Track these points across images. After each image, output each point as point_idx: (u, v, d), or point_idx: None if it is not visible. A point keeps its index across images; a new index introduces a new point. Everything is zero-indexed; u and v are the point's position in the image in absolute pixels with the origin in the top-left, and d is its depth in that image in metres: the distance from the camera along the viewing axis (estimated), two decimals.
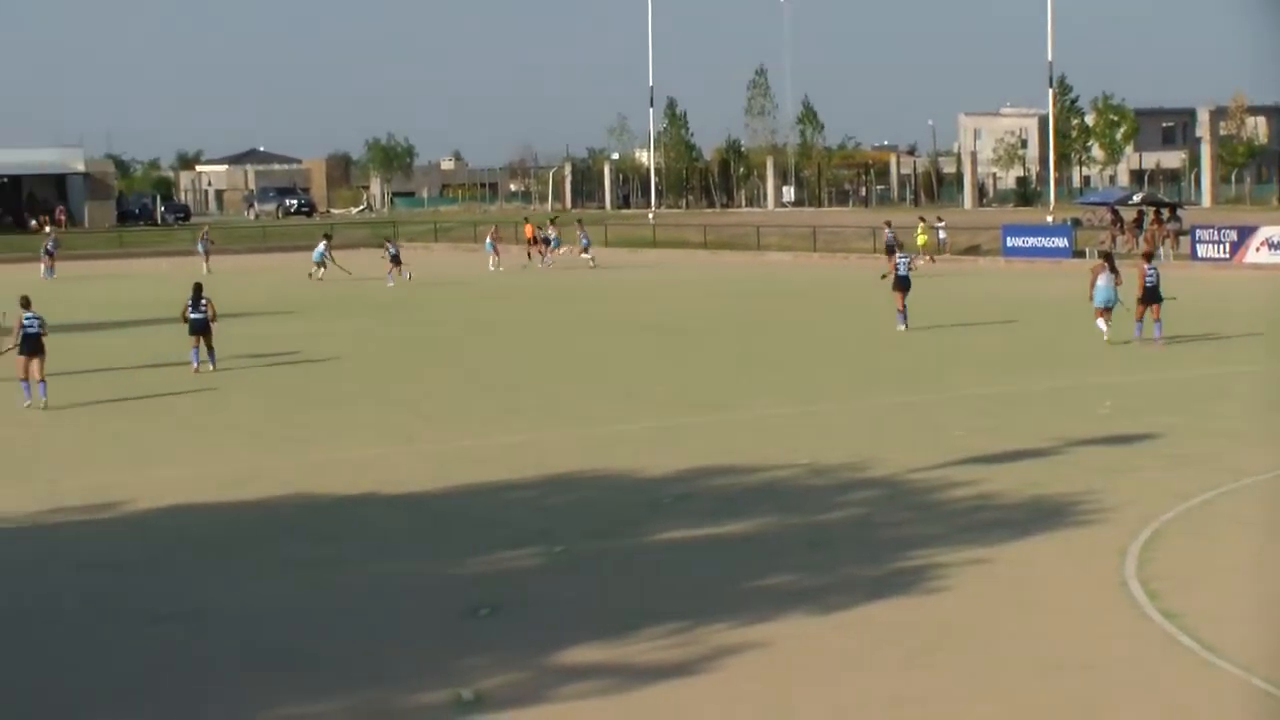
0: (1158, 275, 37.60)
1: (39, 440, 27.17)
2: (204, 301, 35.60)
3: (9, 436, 27.49)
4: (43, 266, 73.64)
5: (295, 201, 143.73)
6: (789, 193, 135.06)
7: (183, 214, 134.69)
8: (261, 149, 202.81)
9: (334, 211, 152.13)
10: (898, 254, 42.51)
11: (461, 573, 17.65)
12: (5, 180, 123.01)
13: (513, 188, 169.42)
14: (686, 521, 19.82)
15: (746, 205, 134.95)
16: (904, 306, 41.30)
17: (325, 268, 67.43)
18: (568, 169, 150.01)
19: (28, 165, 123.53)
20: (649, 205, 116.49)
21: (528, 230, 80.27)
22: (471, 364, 36.97)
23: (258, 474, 23.56)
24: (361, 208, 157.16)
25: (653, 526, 19.61)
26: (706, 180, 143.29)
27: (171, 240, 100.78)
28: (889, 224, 67.27)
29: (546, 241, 76.69)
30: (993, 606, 15.84)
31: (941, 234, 75.09)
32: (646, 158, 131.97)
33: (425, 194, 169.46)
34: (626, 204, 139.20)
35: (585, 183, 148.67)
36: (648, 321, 46.38)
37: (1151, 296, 37.05)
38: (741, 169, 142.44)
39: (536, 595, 16.67)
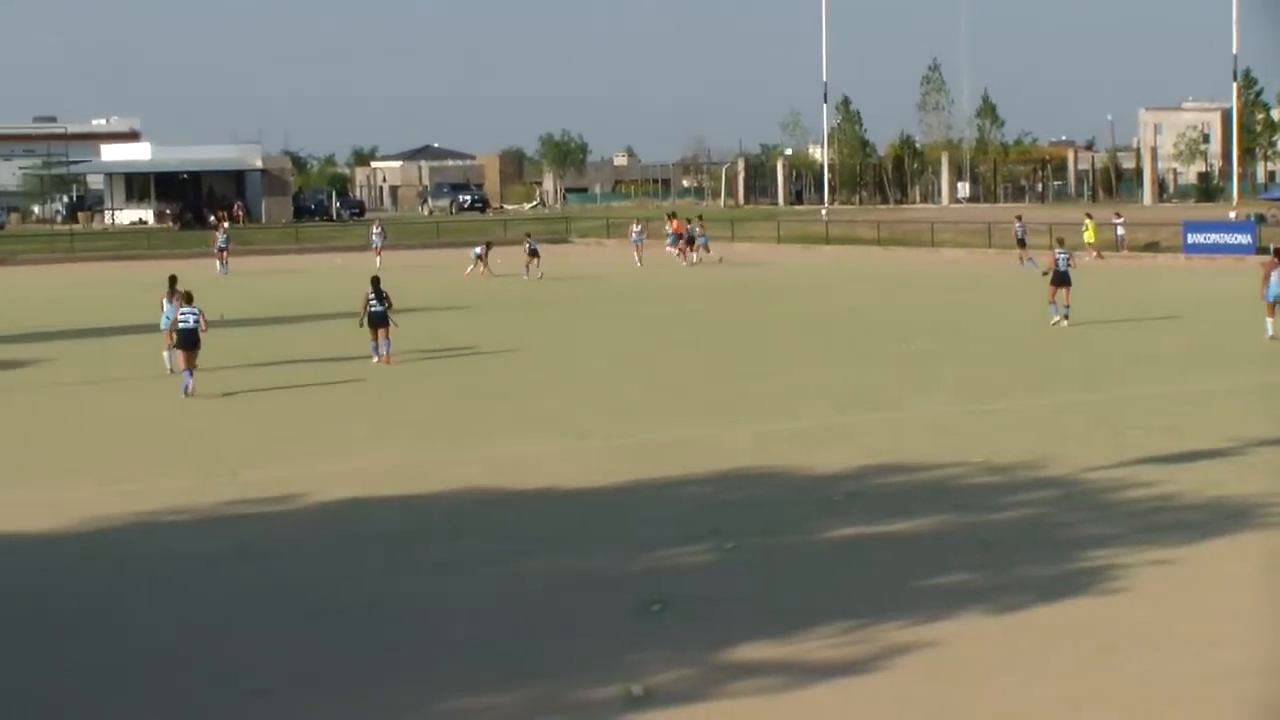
0: None
1: (221, 433, 27.57)
2: (384, 295, 36.30)
3: (193, 429, 27.94)
4: (217, 263, 74.51)
5: (469, 197, 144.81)
6: (964, 188, 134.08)
7: (358, 210, 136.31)
8: (436, 145, 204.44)
9: (507, 207, 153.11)
10: (1056, 250, 42.59)
11: (633, 568, 17.71)
12: (186, 177, 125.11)
13: (685, 184, 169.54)
14: (858, 519, 19.74)
15: (920, 201, 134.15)
16: (1055, 299, 41.81)
17: (483, 265, 67.31)
18: (741, 165, 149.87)
19: (208, 162, 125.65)
20: (822, 201, 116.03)
21: (673, 225, 79.64)
22: (642, 360, 37.04)
23: (434, 468, 23.77)
24: (534, 204, 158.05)
25: (823, 524, 19.55)
26: (880, 176, 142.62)
27: (346, 235, 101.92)
28: (1019, 218, 67.04)
29: (691, 240, 76.01)
30: (1171, 609, 15.63)
31: (1120, 230, 74.21)
32: (820, 153, 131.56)
33: (598, 190, 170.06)
34: (799, 200, 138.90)
35: (758, 178, 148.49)
36: (818, 318, 46.24)
37: None
38: (915, 164, 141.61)
39: (707, 591, 16.69)
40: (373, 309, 36.39)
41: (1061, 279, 41.97)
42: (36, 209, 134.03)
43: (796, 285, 60.03)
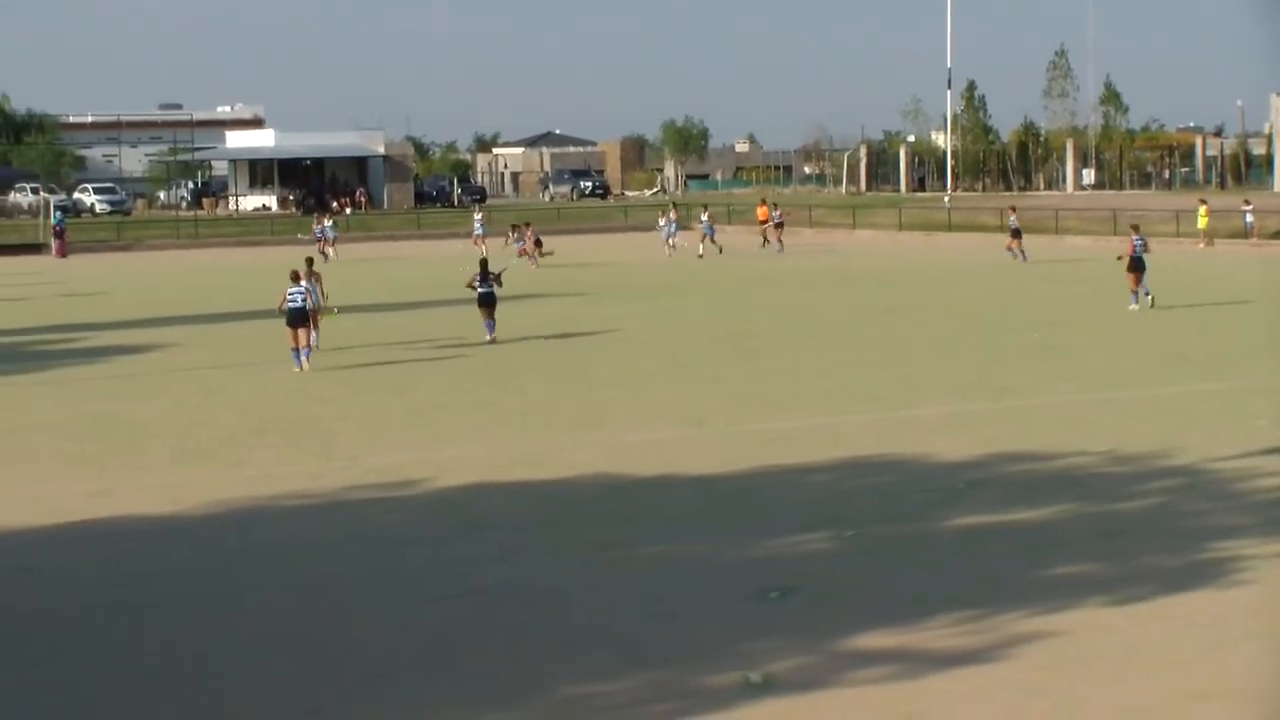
0: None
1: (342, 418, 27.72)
2: (492, 275, 37.48)
3: (314, 414, 28.11)
4: (329, 250, 73.84)
5: (590, 184, 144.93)
6: (1088, 175, 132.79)
7: (479, 196, 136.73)
8: (557, 131, 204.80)
9: (628, 194, 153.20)
10: (1134, 235, 42.64)
11: (752, 555, 17.63)
12: (309, 163, 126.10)
13: (807, 170, 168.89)
14: (980, 508, 19.57)
15: (1044, 188, 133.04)
16: (1136, 288, 42.16)
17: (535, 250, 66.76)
18: (862, 151, 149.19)
19: (331, 149, 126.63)
20: (945, 188, 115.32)
21: (761, 213, 79.00)
22: (758, 348, 36.91)
23: (552, 454, 23.79)
24: (655, 190, 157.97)
25: (945, 512, 19.39)
26: (1003, 163, 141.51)
27: (468, 222, 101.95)
28: (1013, 209, 66.68)
29: (780, 225, 75.37)
30: None
31: (1249, 217, 73.33)
32: (942, 140, 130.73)
33: (719, 177, 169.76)
34: (922, 187, 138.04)
35: (880, 165, 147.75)
36: (938, 306, 45.91)
37: None
38: (1039, 151, 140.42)
39: (826, 579, 16.59)
40: (481, 290, 37.70)
41: (1136, 265, 42.23)
42: (162, 195, 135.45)
43: (916, 273, 59.65)
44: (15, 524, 19.91)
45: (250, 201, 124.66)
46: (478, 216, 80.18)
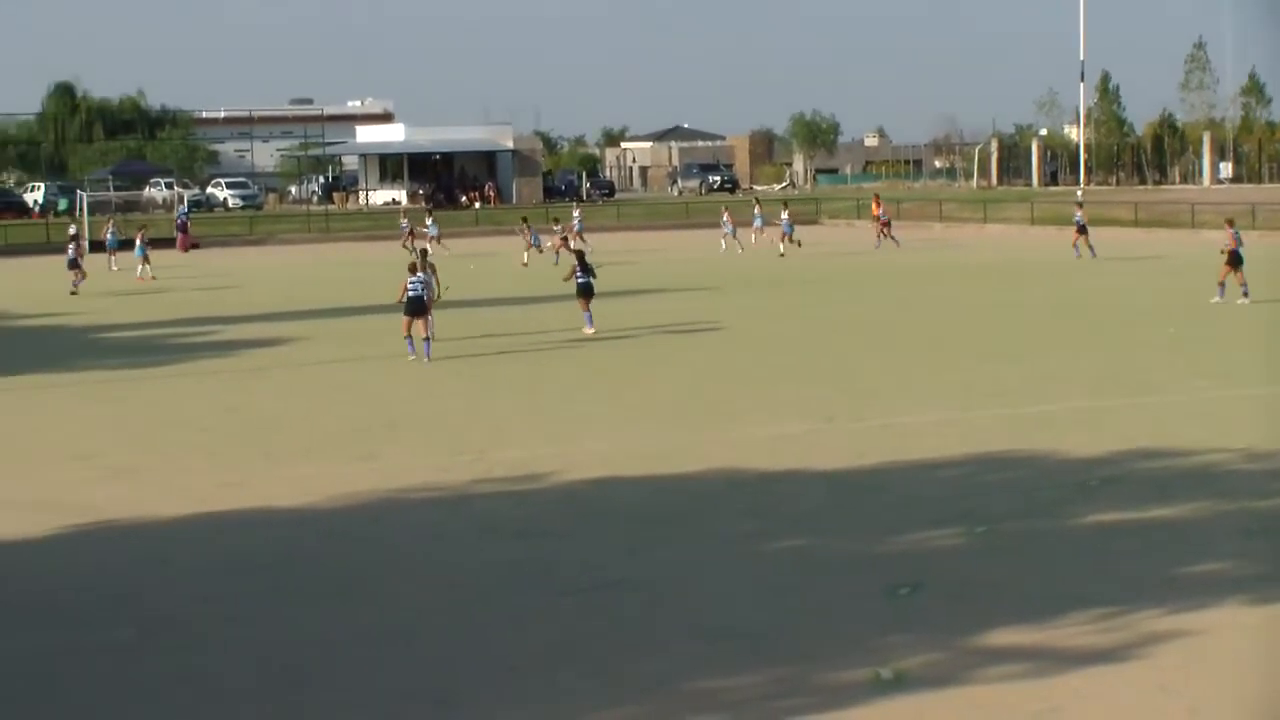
0: None
1: (469, 411, 27.81)
2: (591, 268, 38.43)
3: (442, 408, 28.21)
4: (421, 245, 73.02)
5: (719, 178, 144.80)
6: (1225, 169, 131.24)
7: (607, 190, 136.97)
8: (686, 125, 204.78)
9: (756, 188, 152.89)
10: (1229, 229, 42.39)
11: (881, 551, 17.51)
12: (438, 158, 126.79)
13: (937, 164, 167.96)
14: (1114, 505, 19.33)
15: (1180, 182, 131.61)
16: (1225, 280, 42.29)
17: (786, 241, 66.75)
18: (993, 145, 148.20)
19: (460, 143, 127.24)
20: (1077, 182, 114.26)
21: (875, 207, 78.11)
22: (888, 341, 36.68)
23: (681, 449, 23.73)
24: (784, 184, 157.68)
25: (1078, 509, 19.17)
26: (1138, 156, 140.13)
27: (597, 216, 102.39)
28: (1079, 205, 65.41)
29: (889, 222, 74.35)
30: None
31: None
32: (1076, 133, 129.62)
33: (848, 171, 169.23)
34: (1054, 181, 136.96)
35: (1011, 159, 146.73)
36: (1070, 300, 45.44)
37: None
38: (1176, 144, 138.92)
39: (957, 576, 16.44)
40: (580, 280, 38.33)
41: (1235, 259, 42.12)
42: (293, 189, 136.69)
43: (1046, 266, 59.08)
44: (149, 514, 20.11)
45: (380, 196, 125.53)
46: (576, 213, 79.80)
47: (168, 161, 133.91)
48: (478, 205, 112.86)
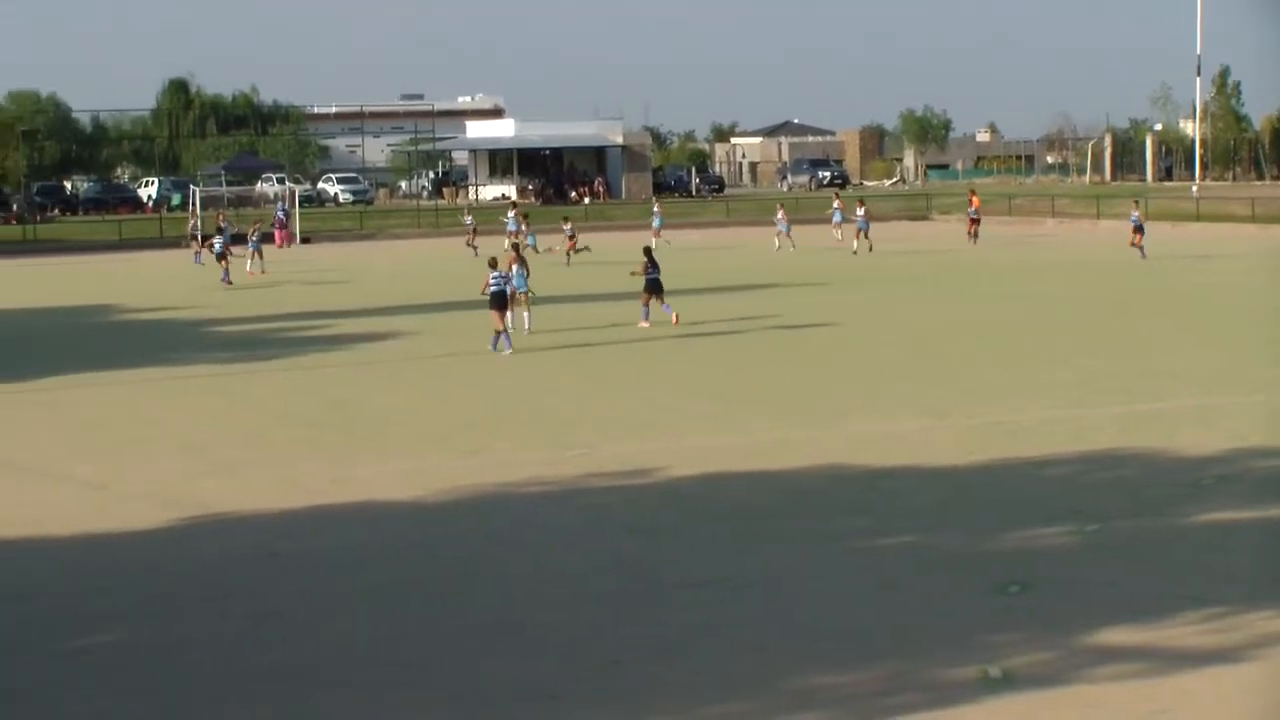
0: None
1: (577, 406, 27.84)
2: (656, 264, 39.25)
3: (550, 403, 28.25)
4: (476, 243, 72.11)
5: (828, 173, 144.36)
6: None
7: (717, 186, 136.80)
8: (796, 121, 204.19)
9: (866, 184, 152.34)
10: None
11: (991, 548, 17.39)
12: (548, 153, 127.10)
13: (1049, 160, 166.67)
14: (1228, 503, 19.11)
15: None
16: None
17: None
18: (1107, 140, 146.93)
19: (569, 139, 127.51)
20: (1192, 178, 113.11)
21: (974, 201, 77.08)
22: (996, 338, 36.46)
23: (789, 444, 23.66)
24: (894, 180, 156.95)
25: (1191, 507, 18.97)
26: (1256, 151, 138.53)
27: (706, 212, 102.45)
28: (1136, 203, 64.19)
29: (978, 220, 72.28)
30: None
31: None
32: (1191, 128, 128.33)
33: (959, 166, 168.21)
34: (1169, 176, 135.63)
35: (1125, 154, 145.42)
36: (1183, 296, 44.97)
37: None
38: None
39: (1068, 574, 16.30)
40: (648, 276, 39.15)
41: None
42: (403, 185, 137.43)
43: (1158, 262, 58.50)
44: (259, 507, 20.27)
45: (490, 191, 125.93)
46: (655, 210, 79.24)
47: (279, 157, 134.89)
48: (587, 201, 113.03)
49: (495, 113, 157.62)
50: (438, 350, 35.92)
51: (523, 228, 65.69)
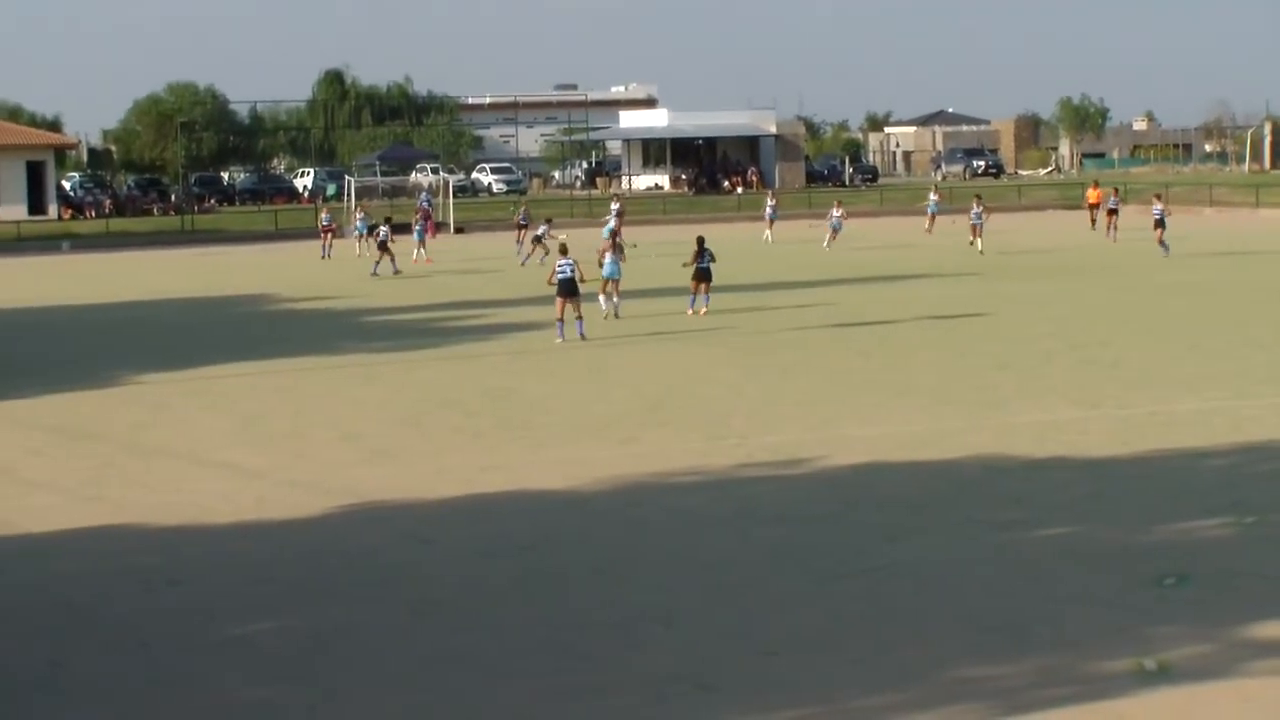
0: None
1: (732, 396, 27.87)
2: (709, 253, 39.76)
3: (704, 393, 28.29)
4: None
5: (982, 163, 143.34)
6: None
7: (870, 175, 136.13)
8: (950, 110, 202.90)
9: (1021, 173, 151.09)
10: None
11: (1147, 540, 17.24)
12: (700, 143, 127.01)
13: (1207, 148, 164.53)
14: None
15: None
16: None
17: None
18: (1266, 128, 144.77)
19: (722, 128, 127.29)
20: None
21: (1094, 194, 74.15)
22: (1152, 328, 36.07)
23: (943, 434, 23.58)
24: (1049, 169, 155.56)
25: None
26: None
27: (859, 201, 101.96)
28: (1157, 196, 62.37)
29: (1114, 211, 67.44)
30: None
31: None
32: None
33: (1115, 155, 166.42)
34: None
35: None
36: None
37: None
38: None
39: (1226, 567, 16.13)
40: (700, 265, 39.56)
41: None
42: (557, 175, 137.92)
43: None
44: (414, 496, 20.48)
45: (643, 181, 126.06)
46: (770, 202, 78.44)
47: (433, 147, 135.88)
48: (739, 190, 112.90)
49: (648, 103, 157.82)
50: (591, 338, 36.02)
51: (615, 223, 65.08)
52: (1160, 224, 58.15)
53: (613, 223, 65.33)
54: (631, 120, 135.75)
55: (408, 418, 26.62)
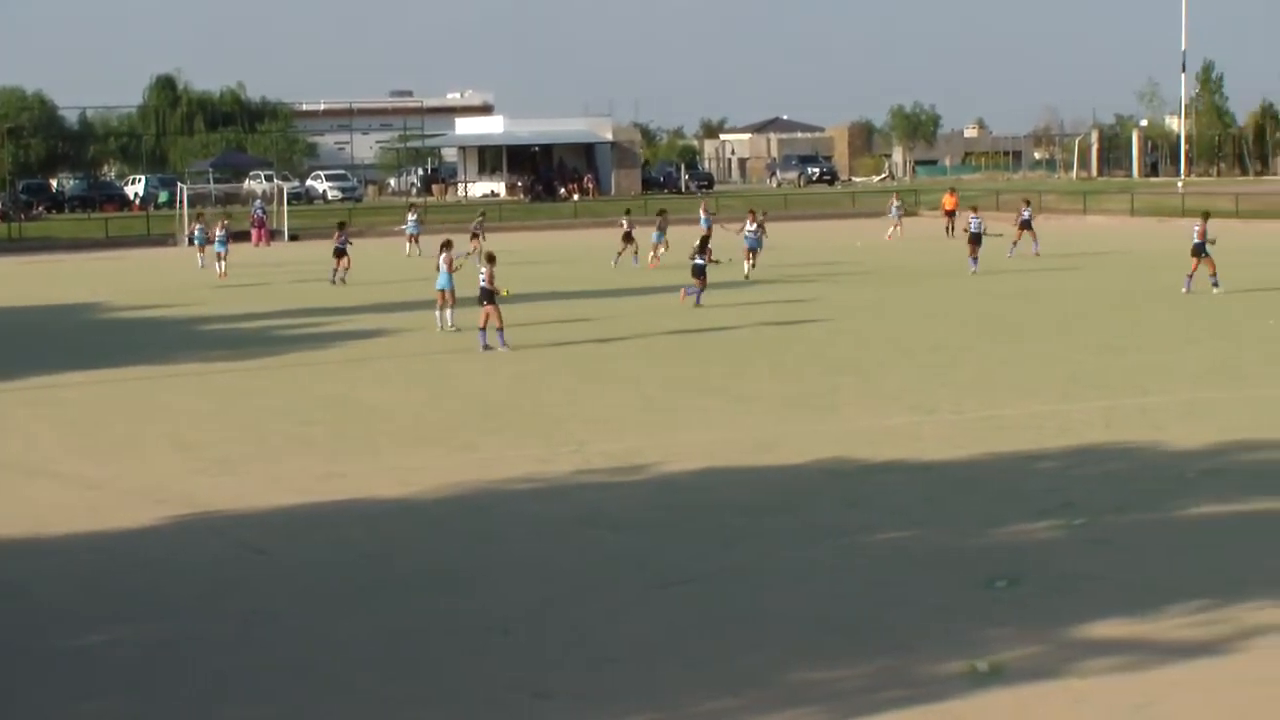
0: None
1: (569, 403, 27.89)
2: (709, 251, 44.85)
3: (541, 400, 28.31)
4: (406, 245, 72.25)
5: (817, 170, 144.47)
6: None
7: (706, 182, 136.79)
8: (785, 117, 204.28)
9: (855, 180, 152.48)
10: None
11: (979, 543, 17.46)
12: (537, 149, 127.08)
13: (1036, 156, 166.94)
14: (1215, 497, 19.19)
15: None
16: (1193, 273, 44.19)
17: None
18: (1093, 136, 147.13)
19: (558, 135, 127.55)
20: (1178, 173, 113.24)
21: (950, 201, 74.32)
22: (987, 335, 36.55)
23: (781, 440, 23.73)
24: (883, 176, 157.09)
25: (1178, 502, 19.05)
26: (1240, 147, 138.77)
27: (693, 208, 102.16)
28: (1026, 201, 64.05)
29: (1027, 224, 63.05)
30: None
31: None
32: (1176, 124, 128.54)
33: (947, 162, 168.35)
34: (1154, 172, 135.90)
35: (1112, 150, 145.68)
36: (1170, 292, 44.99)
37: None
38: (1278, 134, 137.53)
39: (1056, 568, 16.37)
40: (694, 261, 44.02)
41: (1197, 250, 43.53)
42: (392, 182, 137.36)
43: (1151, 258, 58.64)
44: (251, 505, 20.29)
45: (479, 188, 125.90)
46: (703, 211, 78.58)
47: (268, 154, 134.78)
48: (576, 197, 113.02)
49: (484, 109, 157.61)
50: (428, 347, 35.93)
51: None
52: (1025, 226, 61.50)
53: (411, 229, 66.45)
54: (467, 127, 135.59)
55: (244, 427, 26.39)
